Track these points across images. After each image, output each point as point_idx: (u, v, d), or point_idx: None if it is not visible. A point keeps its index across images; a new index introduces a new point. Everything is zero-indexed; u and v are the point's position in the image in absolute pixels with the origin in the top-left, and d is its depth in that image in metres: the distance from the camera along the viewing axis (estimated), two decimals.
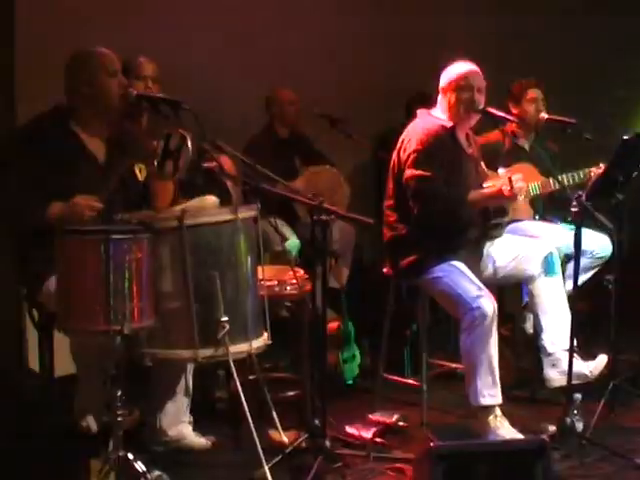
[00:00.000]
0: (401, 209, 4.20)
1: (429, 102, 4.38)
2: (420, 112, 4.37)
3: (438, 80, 4.29)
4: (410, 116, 5.06)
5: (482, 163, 4.41)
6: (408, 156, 4.11)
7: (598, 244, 4.84)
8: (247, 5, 5.71)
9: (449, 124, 4.21)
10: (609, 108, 6.40)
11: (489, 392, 3.94)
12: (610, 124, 5.51)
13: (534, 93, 5.14)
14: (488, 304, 3.94)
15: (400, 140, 4.23)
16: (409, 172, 4.09)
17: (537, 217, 5.06)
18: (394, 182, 4.23)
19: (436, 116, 4.26)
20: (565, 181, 4.84)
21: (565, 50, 6.83)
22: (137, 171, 3.79)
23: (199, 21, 5.45)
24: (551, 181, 4.88)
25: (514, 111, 5.12)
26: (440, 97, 4.27)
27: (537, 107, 5.11)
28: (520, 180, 4.01)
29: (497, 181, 4.09)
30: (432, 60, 4.45)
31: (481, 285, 4.04)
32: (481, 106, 4.18)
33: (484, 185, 4.15)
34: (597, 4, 6.81)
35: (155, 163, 3.51)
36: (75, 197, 3.52)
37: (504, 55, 6.50)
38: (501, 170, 4.01)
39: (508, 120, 4.47)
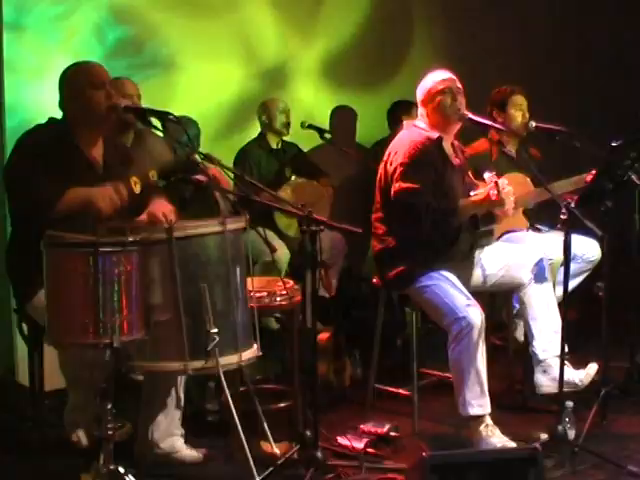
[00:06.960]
0: (390, 221, 4.19)
1: (411, 109, 4.37)
2: (406, 123, 4.36)
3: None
4: (393, 125, 5.02)
5: (469, 173, 4.40)
6: (395, 169, 4.09)
7: (588, 247, 4.84)
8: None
9: (435, 135, 4.19)
10: None
11: (477, 402, 3.93)
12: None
13: (519, 99, 5.10)
14: (476, 314, 3.93)
15: (387, 153, 4.21)
16: (397, 185, 4.08)
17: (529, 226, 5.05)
18: (382, 194, 4.21)
19: (421, 127, 4.24)
20: (557, 189, 4.80)
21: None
22: (132, 184, 3.78)
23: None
24: (544, 190, 4.84)
25: (499, 119, 5.04)
26: (421, 110, 4.25)
27: (523, 113, 5.07)
28: (507, 184, 4.00)
29: (484, 187, 4.05)
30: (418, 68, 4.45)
31: (469, 295, 4.03)
32: (464, 110, 4.16)
33: (472, 194, 4.13)
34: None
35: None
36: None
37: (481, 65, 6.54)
38: (487, 174, 3.97)
39: (495, 128, 4.43)
